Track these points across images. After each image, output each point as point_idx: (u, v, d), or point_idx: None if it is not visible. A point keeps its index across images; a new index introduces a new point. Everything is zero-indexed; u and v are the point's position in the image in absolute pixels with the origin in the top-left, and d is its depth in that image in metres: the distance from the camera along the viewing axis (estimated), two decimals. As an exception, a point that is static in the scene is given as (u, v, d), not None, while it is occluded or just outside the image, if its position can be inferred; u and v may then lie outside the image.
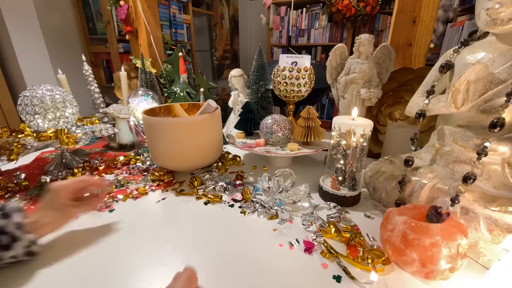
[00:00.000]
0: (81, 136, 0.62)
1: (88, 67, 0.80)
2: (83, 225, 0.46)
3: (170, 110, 0.69)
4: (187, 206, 0.52)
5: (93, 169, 0.66)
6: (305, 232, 0.44)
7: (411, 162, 0.44)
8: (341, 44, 0.65)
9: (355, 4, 2.17)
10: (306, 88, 0.68)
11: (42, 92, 0.58)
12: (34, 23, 1.65)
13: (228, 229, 0.45)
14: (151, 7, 1.07)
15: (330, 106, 2.77)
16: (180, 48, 0.98)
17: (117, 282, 0.34)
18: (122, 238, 0.43)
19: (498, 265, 0.30)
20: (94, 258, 0.38)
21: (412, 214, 0.37)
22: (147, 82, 0.84)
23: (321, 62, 2.64)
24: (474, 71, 0.36)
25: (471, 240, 0.36)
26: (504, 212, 0.34)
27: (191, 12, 2.51)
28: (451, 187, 0.39)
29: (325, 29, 2.54)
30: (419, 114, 0.44)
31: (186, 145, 0.57)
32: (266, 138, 0.67)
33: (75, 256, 0.39)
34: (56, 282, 0.35)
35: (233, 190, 0.57)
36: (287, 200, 0.50)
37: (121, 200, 0.53)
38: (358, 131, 0.46)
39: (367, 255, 0.37)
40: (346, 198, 0.50)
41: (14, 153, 0.55)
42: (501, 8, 0.35)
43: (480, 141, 0.38)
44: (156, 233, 0.44)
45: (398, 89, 0.69)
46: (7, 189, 0.55)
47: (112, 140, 0.83)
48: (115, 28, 1.92)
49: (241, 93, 0.85)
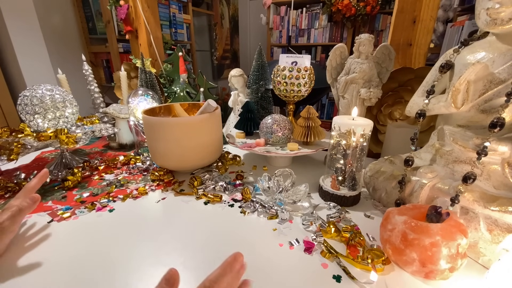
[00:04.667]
0: (81, 136, 0.62)
1: (88, 67, 0.80)
2: (83, 225, 0.46)
3: (170, 110, 0.69)
4: (187, 206, 0.52)
5: (93, 169, 0.66)
6: (305, 232, 0.44)
7: (411, 162, 0.44)
8: (341, 44, 0.65)
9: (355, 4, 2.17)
10: (306, 88, 0.68)
11: (42, 92, 0.58)
12: (34, 23, 1.65)
13: (228, 229, 0.45)
14: (151, 6, 1.07)
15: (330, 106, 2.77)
16: (180, 48, 0.98)
17: (117, 282, 0.34)
18: (122, 237, 0.43)
19: (498, 265, 0.30)
20: (93, 257, 0.38)
21: (412, 214, 0.37)
22: (147, 82, 0.84)
23: (321, 62, 2.64)
24: (474, 71, 0.36)
25: (471, 240, 0.36)
26: (504, 212, 0.34)
27: (191, 12, 2.51)
28: (451, 187, 0.39)
29: (325, 29, 2.54)
30: (419, 114, 0.44)
31: (186, 145, 0.57)
32: (266, 138, 0.67)
33: (75, 256, 0.39)
34: (56, 281, 0.35)
35: (233, 190, 0.57)
36: (287, 200, 0.50)
37: (120, 200, 0.53)
38: (358, 131, 0.46)
39: (367, 255, 0.37)
40: (346, 198, 0.50)
41: (14, 153, 0.55)
42: (501, 8, 0.35)
43: (480, 141, 0.38)
44: (156, 233, 0.44)
45: (398, 89, 0.69)
46: (7, 189, 0.55)
47: (112, 140, 0.83)
48: (115, 28, 1.92)
49: (241, 93, 0.85)
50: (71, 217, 0.48)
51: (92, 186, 0.59)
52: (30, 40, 1.64)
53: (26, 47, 1.62)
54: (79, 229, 0.45)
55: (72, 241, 0.42)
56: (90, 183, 0.60)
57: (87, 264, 0.37)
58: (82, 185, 0.59)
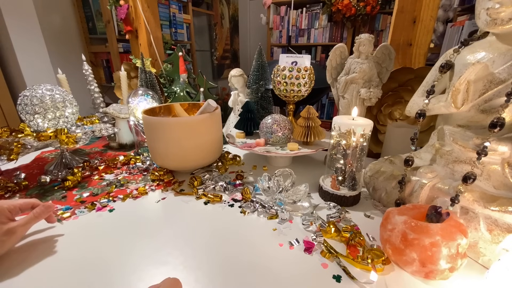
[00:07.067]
0: (81, 136, 0.62)
1: (88, 66, 0.80)
2: (83, 224, 0.46)
3: (170, 110, 0.69)
4: (187, 206, 0.52)
5: (93, 169, 0.66)
6: (305, 232, 0.44)
7: (411, 162, 0.44)
8: (341, 44, 0.65)
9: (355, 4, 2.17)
10: (306, 88, 0.68)
11: (42, 91, 0.58)
12: (34, 23, 1.65)
13: (228, 229, 0.45)
14: (151, 6, 1.07)
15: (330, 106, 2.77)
16: (180, 48, 0.98)
17: (116, 282, 0.34)
18: (122, 237, 0.43)
19: (497, 265, 0.30)
20: (93, 257, 0.38)
21: (412, 214, 0.37)
22: (147, 81, 0.84)
23: (321, 62, 2.64)
24: (474, 71, 0.36)
25: (471, 240, 0.36)
26: (504, 212, 0.34)
27: (191, 12, 2.51)
28: (451, 187, 0.39)
29: (325, 29, 2.54)
30: (419, 114, 0.44)
31: (186, 145, 0.57)
32: (266, 138, 0.67)
33: (74, 256, 0.39)
34: (56, 281, 0.35)
35: (233, 190, 0.57)
36: (287, 200, 0.50)
37: (120, 200, 0.53)
38: (358, 131, 0.46)
39: (367, 255, 0.37)
40: (346, 198, 0.50)
41: (14, 152, 0.55)
42: (501, 8, 0.35)
43: (480, 141, 0.38)
44: (156, 232, 0.44)
45: (398, 89, 0.69)
46: (7, 189, 0.55)
47: (112, 140, 0.83)
48: (115, 28, 1.92)
49: (241, 93, 0.85)
50: (71, 217, 0.48)
51: (92, 186, 0.59)
52: (30, 40, 1.64)
53: (26, 47, 1.62)
54: (79, 229, 0.45)
55: (72, 241, 0.42)
56: (90, 183, 0.60)
57: (87, 264, 0.37)
58: (82, 185, 0.59)
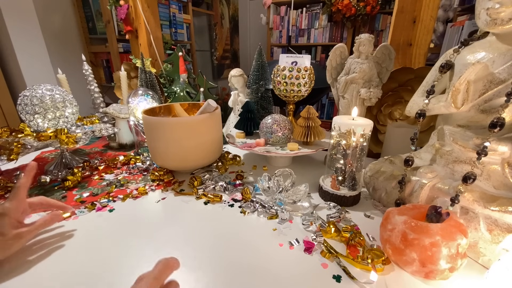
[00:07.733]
0: (81, 136, 0.62)
1: (88, 66, 0.80)
2: (83, 224, 0.46)
3: (170, 110, 0.69)
4: (187, 206, 0.52)
5: (93, 169, 0.66)
6: (305, 232, 0.44)
7: (411, 162, 0.44)
8: (341, 44, 0.65)
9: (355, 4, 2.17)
10: (306, 88, 0.68)
11: (42, 91, 0.58)
12: (34, 23, 1.65)
13: (228, 229, 0.45)
14: (151, 6, 1.07)
15: (330, 106, 2.77)
16: (180, 48, 0.98)
17: (116, 282, 0.34)
18: (122, 237, 0.43)
19: (497, 265, 0.30)
20: (93, 257, 0.38)
21: (412, 214, 0.37)
22: (147, 81, 0.84)
23: (321, 62, 2.64)
24: (474, 71, 0.36)
25: (471, 240, 0.36)
26: (504, 212, 0.34)
27: (191, 12, 2.51)
28: (451, 187, 0.39)
29: (325, 29, 2.54)
30: (419, 114, 0.44)
31: (186, 145, 0.57)
32: (266, 138, 0.67)
33: (74, 256, 0.39)
34: (56, 281, 0.35)
35: (233, 190, 0.57)
36: (287, 200, 0.50)
37: (120, 200, 0.53)
38: (358, 131, 0.46)
39: (367, 255, 0.37)
40: (346, 198, 0.50)
41: (14, 152, 0.55)
42: (501, 8, 0.35)
43: (480, 141, 0.38)
44: (156, 232, 0.44)
45: (398, 89, 0.69)
46: (7, 189, 0.55)
47: (112, 140, 0.83)
48: (115, 28, 1.92)
49: (241, 93, 0.85)
50: (71, 217, 0.48)
51: (92, 186, 0.59)
52: (30, 40, 1.64)
53: (26, 47, 1.62)
54: (79, 229, 0.45)
55: (72, 241, 0.42)
56: (90, 183, 0.60)
57: (87, 264, 0.37)
58: (82, 185, 0.59)
